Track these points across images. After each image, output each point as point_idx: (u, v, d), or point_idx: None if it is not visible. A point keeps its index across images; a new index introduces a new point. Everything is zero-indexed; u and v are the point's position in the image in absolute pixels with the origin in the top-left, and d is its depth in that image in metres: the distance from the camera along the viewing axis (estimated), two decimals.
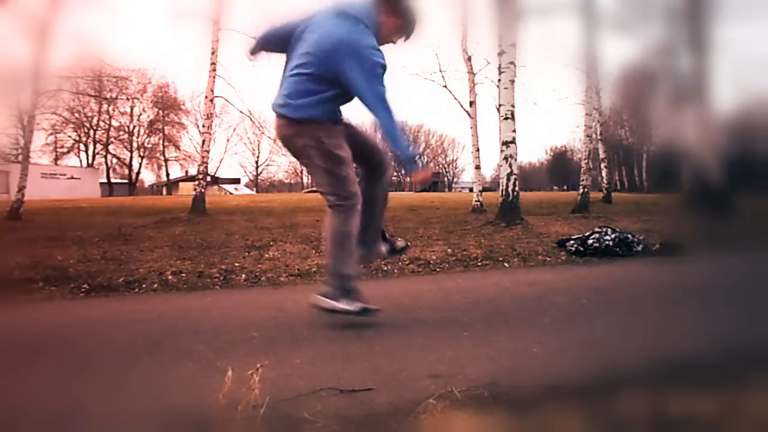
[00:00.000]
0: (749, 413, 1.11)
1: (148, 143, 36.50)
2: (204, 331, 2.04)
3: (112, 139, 34.63)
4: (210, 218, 8.01)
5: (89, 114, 32.53)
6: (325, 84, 1.93)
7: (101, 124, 33.72)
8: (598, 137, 12.27)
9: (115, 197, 25.85)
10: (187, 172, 37.72)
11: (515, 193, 6.26)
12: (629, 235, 4.02)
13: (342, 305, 1.98)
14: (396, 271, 3.46)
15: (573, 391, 1.29)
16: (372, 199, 2.16)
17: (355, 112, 2.08)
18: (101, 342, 1.95)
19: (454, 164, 51.98)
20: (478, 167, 10.61)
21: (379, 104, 1.90)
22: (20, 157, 9.89)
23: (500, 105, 6.47)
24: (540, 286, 2.90)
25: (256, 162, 43.01)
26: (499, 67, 6.42)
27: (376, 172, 2.20)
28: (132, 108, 34.11)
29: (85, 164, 33.59)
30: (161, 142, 37.15)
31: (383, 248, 2.27)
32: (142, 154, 36.53)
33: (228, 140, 40.02)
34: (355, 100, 1.98)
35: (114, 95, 26.93)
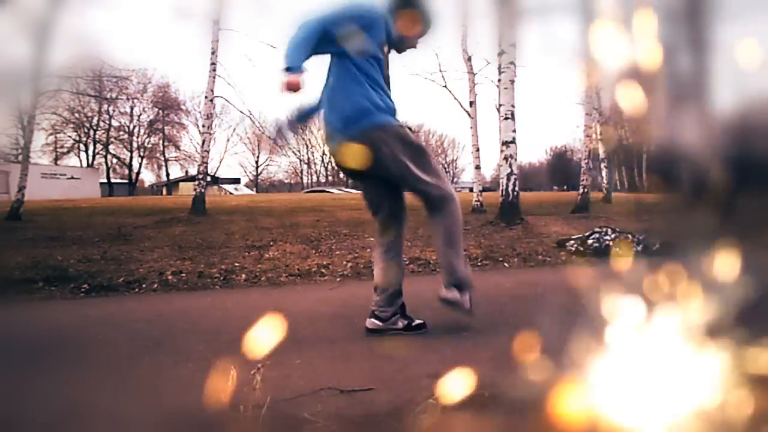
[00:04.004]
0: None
1: (148, 143, 36.54)
2: (204, 331, 2.04)
3: (112, 139, 34.66)
4: (210, 218, 8.01)
5: (89, 114, 32.56)
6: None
7: (101, 124, 33.75)
8: (598, 137, 12.27)
9: (115, 197, 25.85)
10: (187, 172, 37.76)
11: (515, 193, 6.26)
12: (629, 235, 4.02)
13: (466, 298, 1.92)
14: None
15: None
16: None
17: None
18: (101, 342, 1.95)
19: (454, 164, 52.00)
20: (478, 167, 10.62)
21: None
22: (20, 157, 9.91)
23: (500, 105, 6.48)
24: (540, 286, 2.90)
25: (256, 162, 43.05)
26: (499, 67, 6.43)
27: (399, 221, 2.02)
28: (132, 108, 34.16)
29: (85, 164, 33.61)
30: (161, 142, 37.18)
31: (400, 322, 1.98)
32: (142, 154, 36.56)
33: (228, 140, 40.14)
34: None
35: (114, 95, 26.98)
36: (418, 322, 1.98)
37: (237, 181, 41.40)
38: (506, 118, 6.32)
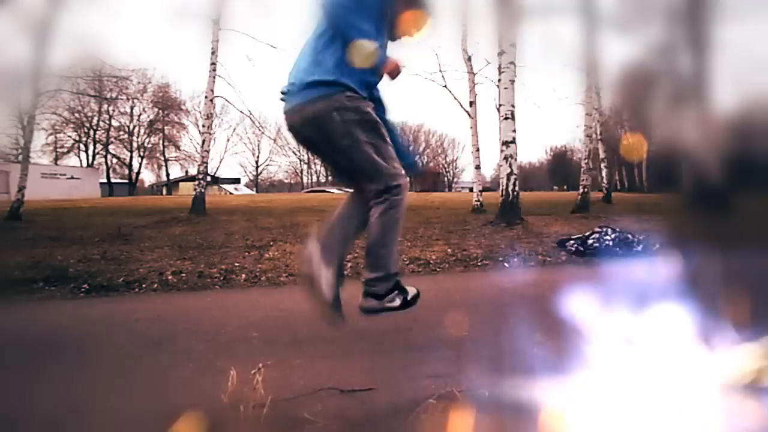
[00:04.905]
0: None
1: (148, 143, 36.55)
2: (204, 331, 2.04)
3: (112, 139, 34.69)
4: (210, 218, 8.01)
5: (89, 114, 32.62)
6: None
7: (101, 124, 33.79)
8: (598, 137, 12.28)
9: (115, 197, 25.87)
10: (187, 172, 37.77)
11: (515, 193, 6.26)
12: (629, 235, 4.02)
13: (392, 303, 1.79)
14: None
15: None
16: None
17: None
18: (101, 342, 1.95)
19: (454, 164, 52.00)
20: (478, 167, 10.62)
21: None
22: (20, 157, 9.92)
23: (500, 105, 6.48)
24: (540, 286, 2.90)
25: (256, 162, 43.07)
26: (499, 67, 6.43)
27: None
28: (132, 108, 34.17)
29: (85, 164, 33.63)
30: (161, 142, 37.19)
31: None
32: (142, 154, 36.57)
33: (228, 140, 40.15)
34: None
35: (114, 95, 27.01)
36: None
37: (237, 181, 41.40)
38: (506, 118, 6.32)
